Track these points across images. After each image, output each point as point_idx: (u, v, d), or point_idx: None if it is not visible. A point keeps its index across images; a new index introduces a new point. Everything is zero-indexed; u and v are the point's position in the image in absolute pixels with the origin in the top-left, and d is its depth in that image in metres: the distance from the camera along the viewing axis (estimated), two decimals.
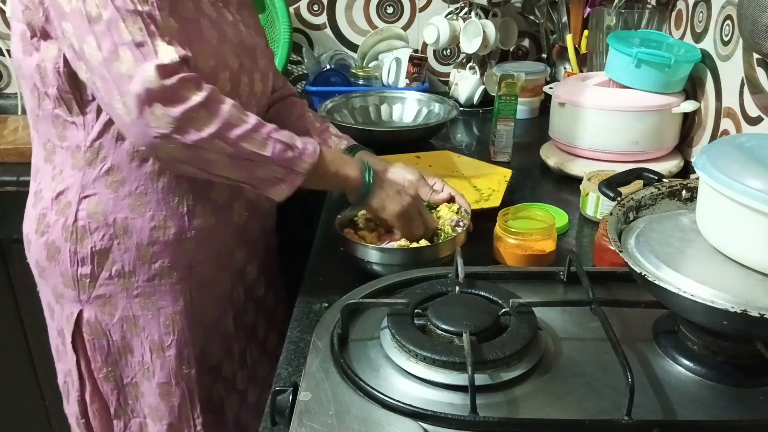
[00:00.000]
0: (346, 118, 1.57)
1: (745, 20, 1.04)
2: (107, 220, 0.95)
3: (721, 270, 0.67)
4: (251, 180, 0.87)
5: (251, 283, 1.13)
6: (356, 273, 0.96)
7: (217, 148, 0.82)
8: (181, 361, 1.03)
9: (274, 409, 0.67)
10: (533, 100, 1.76)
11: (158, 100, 0.78)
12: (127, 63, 0.78)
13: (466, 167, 1.34)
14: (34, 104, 0.94)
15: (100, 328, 1.00)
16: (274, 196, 0.88)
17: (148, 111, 0.78)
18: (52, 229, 0.97)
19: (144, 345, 1.01)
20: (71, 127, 0.93)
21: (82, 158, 0.94)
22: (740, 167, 0.64)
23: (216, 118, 0.81)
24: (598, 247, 1.01)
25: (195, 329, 1.03)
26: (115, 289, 0.98)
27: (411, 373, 0.66)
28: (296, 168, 0.87)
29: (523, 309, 0.72)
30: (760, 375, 0.67)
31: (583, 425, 0.60)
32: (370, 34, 1.88)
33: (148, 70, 0.77)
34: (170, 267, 0.98)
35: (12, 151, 1.47)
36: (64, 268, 0.98)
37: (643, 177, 0.82)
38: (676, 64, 1.29)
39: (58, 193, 0.96)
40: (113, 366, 1.03)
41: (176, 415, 1.05)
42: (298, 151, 0.87)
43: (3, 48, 1.91)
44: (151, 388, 1.04)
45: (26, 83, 0.93)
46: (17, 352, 1.62)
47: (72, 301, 1.00)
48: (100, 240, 0.95)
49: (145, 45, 0.78)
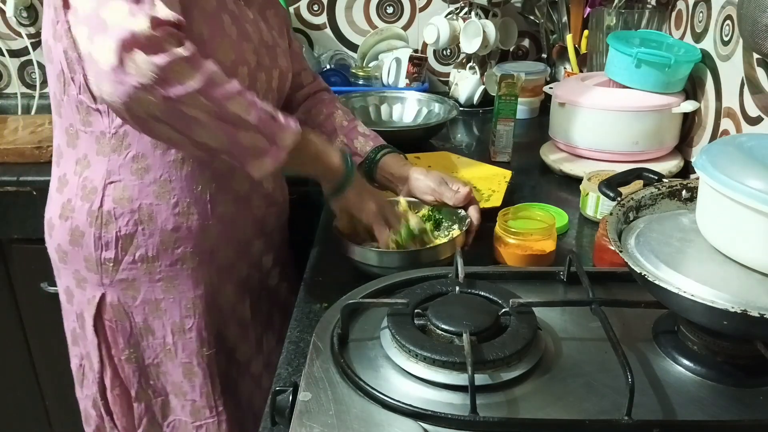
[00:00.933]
0: None
1: (745, 20, 1.04)
2: (132, 206, 0.96)
3: (721, 270, 0.67)
4: (233, 147, 0.82)
5: (266, 273, 1.16)
6: (356, 273, 0.96)
7: (200, 105, 0.77)
8: (201, 342, 1.05)
9: (274, 409, 0.67)
10: (533, 100, 1.76)
11: (142, 48, 0.73)
12: (119, 12, 0.74)
13: (466, 168, 1.34)
14: (58, 89, 0.94)
15: (123, 310, 1.02)
16: (254, 171, 0.84)
17: (128, 58, 0.73)
18: (77, 214, 0.98)
19: (166, 327, 1.03)
20: (95, 113, 0.93)
21: (107, 144, 0.94)
22: (740, 167, 0.64)
23: (199, 73, 0.77)
24: (598, 247, 1.01)
25: (213, 313, 1.06)
26: (138, 273, 1.00)
27: (411, 373, 0.66)
28: (279, 141, 0.83)
29: (523, 309, 0.72)
30: (760, 375, 0.67)
31: (583, 425, 0.60)
32: (370, 34, 1.88)
33: (141, 18, 0.74)
34: (192, 253, 1.00)
35: (12, 151, 1.47)
36: (88, 253, 0.99)
37: (643, 177, 0.82)
38: (676, 64, 1.29)
39: (84, 179, 0.97)
40: (135, 347, 1.05)
41: (198, 393, 1.08)
42: (281, 125, 0.85)
43: (3, 48, 1.91)
44: (174, 367, 1.06)
45: (53, 67, 0.93)
46: (17, 352, 1.62)
47: (95, 284, 1.01)
48: (125, 225, 0.97)
49: (143, 2, 0.76)
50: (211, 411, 1.09)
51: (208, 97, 0.77)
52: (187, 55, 0.77)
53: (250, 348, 1.15)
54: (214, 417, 1.09)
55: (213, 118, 0.78)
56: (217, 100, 0.78)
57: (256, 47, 0.98)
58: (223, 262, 1.05)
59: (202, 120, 0.78)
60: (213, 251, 1.02)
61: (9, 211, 1.43)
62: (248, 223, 1.07)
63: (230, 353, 1.12)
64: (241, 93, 0.81)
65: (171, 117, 0.77)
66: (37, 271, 1.48)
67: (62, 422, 1.71)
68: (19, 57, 1.95)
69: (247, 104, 0.81)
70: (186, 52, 0.77)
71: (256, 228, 1.09)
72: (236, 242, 1.06)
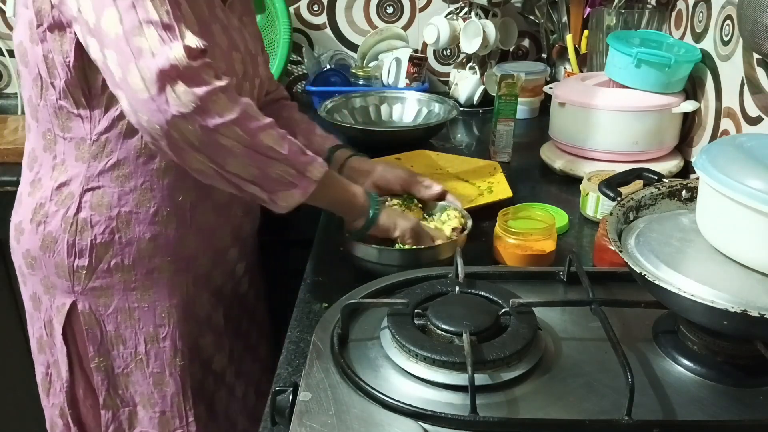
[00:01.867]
0: (346, 118, 1.57)
1: (745, 20, 1.04)
2: (110, 213, 0.95)
3: (721, 270, 0.67)
4: (262, 180, 0.83)
5: (238, 280, 1.15)
6: (356, 273, 0.96)
7: (235, 135, 0.79)
8: (174, 352, 1.04)
9: (274, 409, 0.66)
10: (533, 100, 1.76)
11: (182, 79, 0.75)
12: (151, 40, 0.76)
13: (449, 163, 1.34)
14: (35, 93, 0.93)
15: (95, 318, 1.00)
16: (281, 203, 0.85)
17: (168, 88, 0.75)
18: (51, 219, 0.96)
19: (138, 336, 1.02)
20: (76, 119, 0.92)
21: (87, 151, 0.93)
22: (740, 167, 0.64)
23: (236, 105, 0.80)
24: (598, 247, 1.01)
25: (189, 322, 1.04)
26: (112, 282, 0.98)
27: (411, 373, 0.66)
28: (309, 173, 0.85)
29: (523, 309, 0.72)
30: (760, 375, 0.67)
31: (583, 425, 0.60)
32: (370, 34, 1.88)
33: (176, 48, 0.76)
34: (169, 261, 0.99)
35: (12, 151, 1.47)
36: (60, 259, 0.97)
37: (643, 177, 0.82)
38: (676, 64, 1.29)
39: (60, 184, 0.95)
40: (105, 356, 1.03)
41: (169, 404, 1.06)
42: (311, 158, 0.86)
43: (3, 48, 1.90)
44: (144, 377, 1.05)
45: (29, 71, 0.91)
46: (17, 352, 1.62)
47: (65, 291, 0.99)
48: (101, 233, 0.95)
49: (173, 29, 0.77)
50: (181, 421, 1.07)
51: (243, 128, 0.80)
52: (224, 85, 0.79)
53: (225, 358, 1.14)
54: (184, 427, 1.07)
55: (246, 148, 0.81)
56: (251, 131, 0.81)
57: (243, 57, 0.98)
58: (199, 271, 1.04)
59: (236, 151, 0.80)
60: (190, 260, 1.01)
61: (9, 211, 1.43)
62: (226, 232, 1.06)
63: (206, 364, 1.10)
64: (273, 126, 0.84)
65: (207, 145, 0.79)
66: None
67: None
68: None
69: (279, 137, 0.84)
70: (223, 83, 0.79)
71: (233, 236, 1.08)
72: (213, 251, 1.05)
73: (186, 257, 1.01)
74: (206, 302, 1.08)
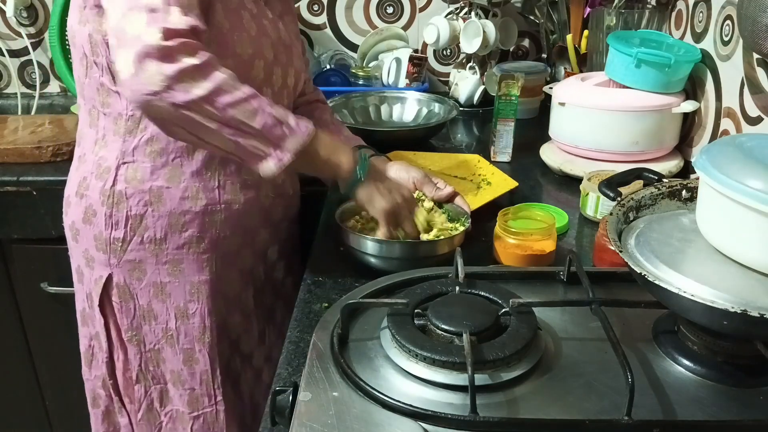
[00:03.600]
0: (346, 118, 1.57)
1: (745, 20, 1.04)
2: (143, 186, 0.99)
3: (721, 270, 0.67)
4: (238, 151, 0.87)
5: (271, 264, 1.17)
6: (356, 273, 0.96)
7: (204, 112, 0.82)
8: (203, 329, 1.06)
9: (274, 409, 0.67)
10: (533, 100, 1.76)
11: (154, 57, 0.79)
12: (137, 24, 0.80)
13: (429, 162, 1.33)
14: (82, 72, 0.99)
15: (129, 291, 1.04)
16: (261, 172, 0.88)
17: (142, 68, 0.79)
18: (91, 192, 1.01)
19: (169, 311, 1.05)
20: (114, 95, 0.97)
21: (123, 126, 0.98)
22: (740, 167, 0.64)
23: (207, 81, 0.82)
24: (598, 247, 1.01)
25: (217, 300, 1.07)
26: (145, 255, 1.02)
27: (411, 373, 0.66)
28: (284, 145, 0.87)
29: (523, 309, 0.72)
30: (760, 375, 0.67)
31: (583, 425, 0.60)
32: (370, 34, 1.88)
33: (153, 30, 0.80)
34: (199, 237, 1.03)
35: (12, 151, 1.47)
36: (98, 231, 1.01)
37: (643, 177, 0.82)
38: (676, 64, 1.29)
39: (100, 158, 1.01)
40: (138, 330, 1.07)
41: (198, 381, 1.09)
42: (289, 129, 0.88)
43: (3, 48, 1.91)
44: (174, 354, 1.08)
45: (77, 51, 0.98)
46: (17, 352, 1.62)
47: (102, 264, 1.03)
48: (136, 205, 1.00)
49: (158, 11, 0.81)
50: (210, 400, 1.10)
51: (212, 104, 0.83)
52: (196, 63, 0.82)
53: (253, 340, 1.16)
54: (213, 407, 1.10)
55: (218, 123, 0.84)
56: (221, 107, 0.83)
57: (274, 43, 1.02)
58: (228, 249, 1.06)
59: (209, 126, 0.84)
60: (219, 237, 1.04)
61: (9, 211, 1.43)
62: (255, 212, 1.08)
63: (234, 344, 1.13)
64: (248, 99, 0.85)
65: (180, 121, 0.84)
66: (37, 271, 1.48)
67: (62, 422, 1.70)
68: (19, 57, 1.94)
69: (253, 110, 0.85)
70: (196, 61, 0.82)
71: (263, 217, 1.10)
72: (242, 229, 1.07)
73: (215, 233, 1.04)
74: (235, 281, 1.10)
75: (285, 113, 0.89)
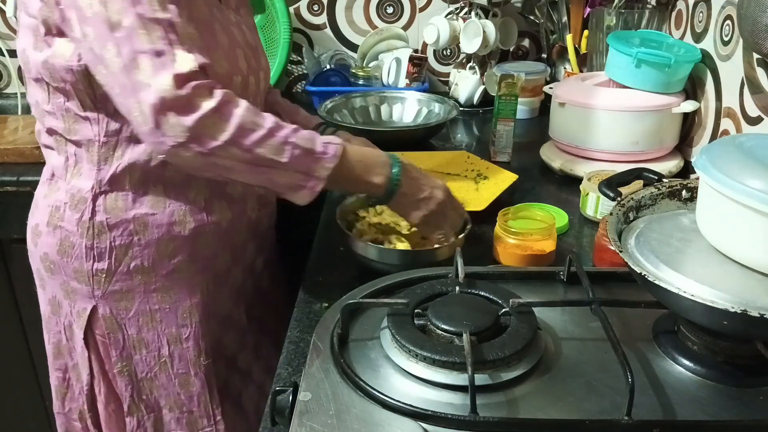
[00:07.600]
0: (346, 118, 1.57)
1: (745, 20, 1.04)
2: (126, 216, 0.94)
3: (721, 270, 0.67)
4: (272, 185, 0.86)
5: (258, 275, 1.15)
6: (356, 273, 0.96)
7: (232, 155, 0.81)
8: (198, 352, 1.04)
9: (274, 409, 0.66)
10: (533, 100, 1.76)
11: (172, 109, 0.77)
12: (145, 71, 0.77)
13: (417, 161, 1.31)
14: (41, 98, 0.92)
15: (116, 322, 1.00)
16: (297, 201, 0.87)
17: (162, 120, 0.77)
18: (66, 223, 0.96)
19: (161, 338, 1.02)
20: (83, 122, 0.91)
21: (97, 153, 0.92)
22: (740, 167, 0.64)
23: (229, 124, 0.80)
24: (598, 247, 1.01)
25: (211, 321, 1.05)
26: (132, 284, 0.98)
27: (411, 373, 0.66)
28: (316, 173, 0.85)
29: (523, 309, 0.72)
30: (760, 375, 0.67)
31: (583, 425, 0.60)
32: (370, 34, 1.88)
33: (165, 79, 0.77)
34: (189, 261, 0.99)
35: (12, 151, 1.47)
36: (78, 264, 0.96)
37: (643, 177, 0.82)
38: (676, 64, 1.29)
39: (72, 187, 0.95)
40: (128, 360, 1.03)
41: (196, 403, 1.06)
42: (318, 155, 0.85)
43: (3, 48, 1.90)
44: (169, 379, 1.04)
45: (32, 76, 0.92)
46: (17, 352, 1.62)
47: (85, 296, 0.98)
48: (120, 236, 0.95)
49: (165, 54, 0.78)
50: (209, 420, 1.07)
51: (239, 146, 0.81)
52: (214, 106, 0.79)
53: (250, 355, 1.14)
54: (212, 426, 1.07)
55: (246, 164, 0.82)
56: (248, 147, 0.81)
57: (245, 51, 0.98)
58: (219, 268, 1.04)
59: (238, 167, 0.82)
60: (210, 257, 1.02)
61: (9, 211, 1.43)
62: (243, 227, 1.06)
63: (230, 362, 1.11)
64: (272, 134, 0.83)
65: (209, 167, 0.82)
66: None
67: None
68: None
69: (279, 144, 0.83)
70: (213, 103, 0.79)
71: (250, 230, 1.08)
72: (232, 246, 1.05)
73: (205, 255, 1.01)
74: (227, 300, 1.08)
75: (311, 137, 0.86)
